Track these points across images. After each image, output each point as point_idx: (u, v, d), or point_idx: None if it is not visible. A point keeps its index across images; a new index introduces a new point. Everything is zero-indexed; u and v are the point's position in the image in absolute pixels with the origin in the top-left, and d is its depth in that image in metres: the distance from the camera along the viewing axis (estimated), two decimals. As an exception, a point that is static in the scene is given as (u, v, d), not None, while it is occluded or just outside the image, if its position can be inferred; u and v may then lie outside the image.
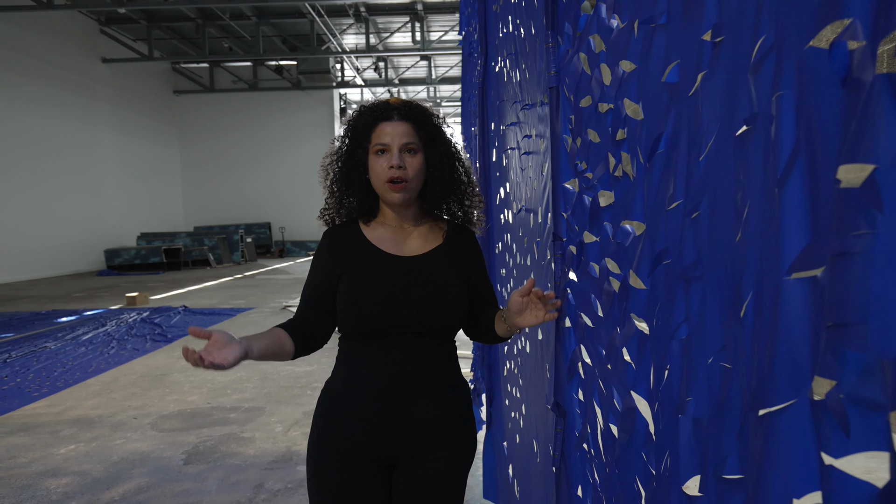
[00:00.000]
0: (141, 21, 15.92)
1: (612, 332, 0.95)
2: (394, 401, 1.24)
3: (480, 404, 2.75)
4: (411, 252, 1.32)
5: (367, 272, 1.27)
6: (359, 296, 1.24)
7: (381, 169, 1.25)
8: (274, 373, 4.72)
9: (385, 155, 1.26)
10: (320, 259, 1.32)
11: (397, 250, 1.31)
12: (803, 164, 0.50)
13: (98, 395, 4.24)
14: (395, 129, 1.27)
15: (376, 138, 1.27)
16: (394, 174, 1.24)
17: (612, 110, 0.90)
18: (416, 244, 1.33)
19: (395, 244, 1.32)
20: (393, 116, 1.28)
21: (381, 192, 1.28)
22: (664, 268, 0.76)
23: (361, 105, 1.35)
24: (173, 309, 8.10)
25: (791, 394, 0.52)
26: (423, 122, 1.31)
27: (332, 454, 1.26)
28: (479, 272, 1.38)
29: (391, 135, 1.26)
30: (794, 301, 0.52)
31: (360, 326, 1.25)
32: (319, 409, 1.31)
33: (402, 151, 1.26)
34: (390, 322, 1.23)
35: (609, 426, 0.99)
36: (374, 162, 1.27)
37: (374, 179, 1.28)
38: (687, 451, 0.73)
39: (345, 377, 1.28)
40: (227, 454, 3.07)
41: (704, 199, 0.66)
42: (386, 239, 1.32)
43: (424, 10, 15.82)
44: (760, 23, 0.55)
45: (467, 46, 2.84)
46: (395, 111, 1.29)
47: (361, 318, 1.24)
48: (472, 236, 1.40)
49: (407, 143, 1.27)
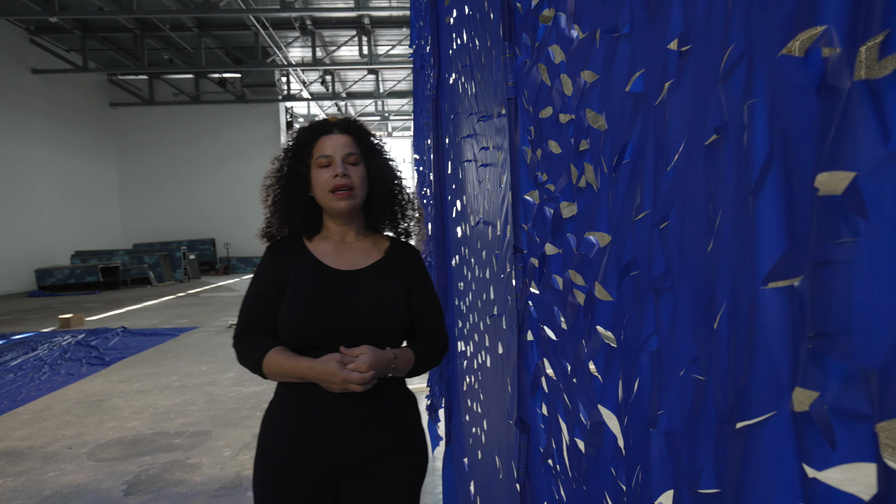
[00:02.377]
0: (74, 31, 15.33)
1: (577, 345, 0.94)
2: (335, 417, 1.24)
3: (437, 420, 2.71)
4: (352, 266, 1.33)
5: (308, 285, 1.29)
6: (300, 309, 1.25)
7: (325, 180, 1.28)
8: (221, 394, 4.56)
9: (328, 167, 1.29)
10: (265, 270, 1.33)
11: (339, 264, 1.33)
12: (777, 173, 0.50)
13: (28, 424, 4.00)
14: (336, 141, 1.31)
15: (318, 151, 1.30)
16: (339, 182, 1.27)
17: (573, 121, 0.90)
18: (358, 258, 1.35)
19: (336, 258, 1.34)
20: (333, 130, 1.33)
21: (325, 202, 1.30)
22: (632, 279, 0.75)
23: (301, 126, 1.39)
24: (111, 330, 7.77)
25: (770, 406, 0.51)
26: (363, 135, 1.36)
27: (278, 474, 1.25)
28: (421, 287, 1.39)
29: (333, 146, 1.30)
30: (771, 311, 0.51)
31: (301, 339, 1.25)
32: (263, 429, 1.31)
33: (345, 162, 1.30)
34: (330, 335, 1.24)
35: (575, 441, 0.98)
36: (318, 174, 1.30)
37: (319, 191, 1.30)
38: (659, 466, 0.72)
39: (286, 395, 1.28)
40: (172, 482, 2.93)
41: (673, 209, 0.65)
42: (328, 253, 1.34)
43: (371, 25, 15.84)
44: (729, 31, 0.54)
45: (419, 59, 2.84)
46: (335, 126, 1.34)
47: (302, 331, 1.25)
48: (415, 252, 1.43)
49: (349, 153, 1.31)
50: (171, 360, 6.05)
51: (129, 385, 5.05)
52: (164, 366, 5.81)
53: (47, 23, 14.69)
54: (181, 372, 5.47)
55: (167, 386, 4.95)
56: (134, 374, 5.48)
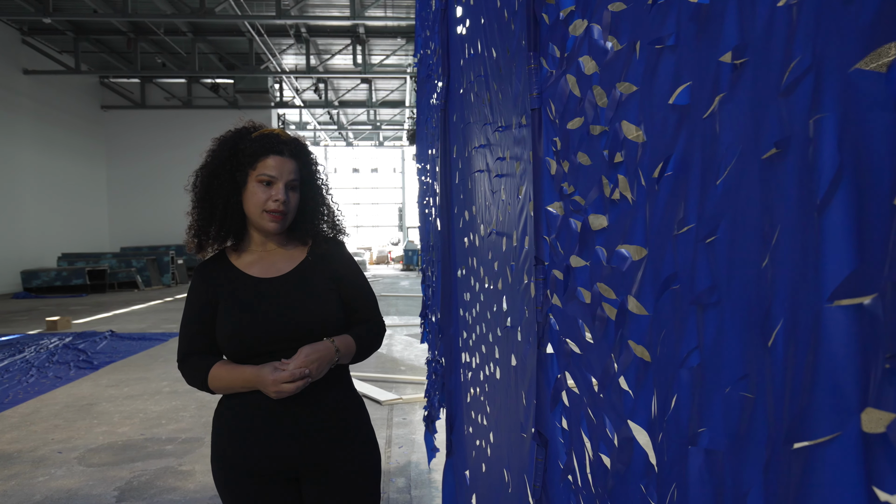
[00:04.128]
0: (67, 32, 15.24)
1: (605, 359, 0.92)
2: (281, 416, 1.28)
3: (435, 431, 2.69)
4: (278, 272, 1.36)
5: (240, 299, 1.31)
6: (235, 323, 1.28)
7: (262, 200, 1.30)
8: (212, 401, 4.50)
9: (270, 187, 1.31)
10: (196, 293, 1.36)
11: (265, 272, 1.36)
12: (847, 188, 0.49)
13: (16, 427, 3.93)
14: (284, 166, 1.32)
15: (263, 168, 1.31)
16: (277, 207, 1.30)
17: (606, 132, 0.89)
18: (283, 263, 1.38)
19: (261, 268, 1.37)
20: (283, 152, 1.33)
21: (255, 219, 1.33)
22: (671, 293, 0.74)
23: (244, 127, 1.38)
24: (99, 334, 7.67)
25: (834, 426, 0.50)
26: (307, 161, 1.39)
27: (237, 470, 1.29)
28: (350, 277, 1.43)
29: (279, 170, 1.31)
30: (837, 329, 0.50)
31: (240, 351, 1.28)
32: (216, 428, 1.34)
33: (287, 188, 1.32)
34: (269, 341, 1.27)
35: (600, 456, 0.96)
36: (256, 190, 1.31)
37: (252, 206, 1.32)
38: (698, 484, 0.71)
39: (236, 397, 1.31)
40: (165, 489, 2.88)
41: (722, 223, 0.65)
42: (253, 264, 1.37)
43: (366, 34, 15.87)
44: (794, 45, 0.54)
45: (424, 69, 2.83)
46: (286, 147, 1.34)
47: (240, 343, 1.27)
48: (338, 244, 1.46)
49: (292, 180, 1.33)
50: (160, 365, 5.97)
51: (119, 389, 4.97)
52: (153, 371, 5.73)
53: (40, 24, 14.59)
54: (171, 377, 5.40)
55: (157, 391, 4.88)
56: (123, 378, 5.40)
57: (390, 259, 28.73)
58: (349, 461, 1.33)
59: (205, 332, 1.33)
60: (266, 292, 1.32)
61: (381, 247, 30.24)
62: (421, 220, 3.16)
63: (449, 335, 2.12)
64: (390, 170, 34.74)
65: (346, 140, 30.43)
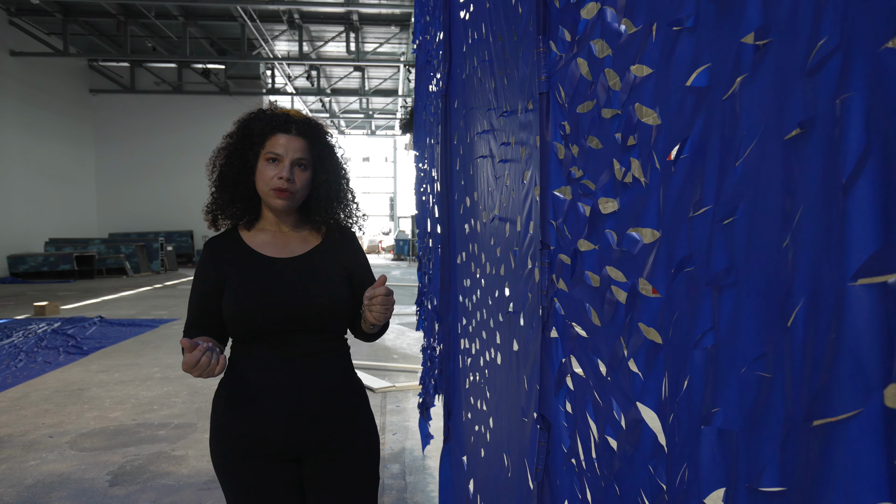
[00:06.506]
0: (56, 14, 15.01)
1: (614, 343, 0.93)
2: (285, 397, 1.27)
3: (429, 418, 2.70)
4: (291, 253, 1.36)
5: (250, 277, 1.31)
6: (243, 300, 1.27)
7: (269, 177, 1.30)
8: (204, 387, 4.49)
9: (276, 164, 1.31)
10: (204, 269, 1.35)
11: (277, 252, 1.36)
12: (874, 168, 0.49)
13: (6, 411, 3.90)
14: (290, 143, 1.32)
15: (270, 146, 1.31)
16: (282, 185, 1.30)
17: (619, 116, 0.89)
18: (296, 245, 1.38)
19: (274, 248, 1.37)
20: (291, 130, 1.33)
21: (264, 196, 1.33)
22: (685, 276, 0.75)
23: (260, 109, 1.39)
24: (88, 319, 7.62)
25: (856, 403, 0.51)
26: (318, 140, 1.37)
27: (238, 451, 1.29)
28: (360, 268, 1.44)
29: (285, 147, 1.31)
30: (861, 308, 0.51)
31: (248, 329, 1.28)
32: (216, 409, 1.33)
33: (294, 165, 1.32)
34: (276, 321, 1.27)
35: (606, 439, 0.97)
36: (264, 168, 1.31)
37: (261, 183, 1.33)
38: (710, 464, 0.72)
39: (238, 377, 1.30)
40: (158, 474, 2.88)
41: (741, 205, 0.65)
42: (266, 243, 1.37)
43: (360, 21, 15.75)
44: (821, 25, 0.54)
45: (423, 55, 2.82)
46: (294, 125, 1.34)
47: (248, 321, 1.26)
48: (352, 234, 1.46)
49: (299, 158, 1.32)
50: (151, 352, 5.94)
51: (109, 375, 4.94)
52: (144, 356, 5.70)
53: (29, 4, 14.36)
54: (162, 363, 5.38)
55: (148, 377, 4.86)
56: (113, 364, 5.37)
57: (381, 249, 28.70)
58: (351, 443, 1.34)
59: (209, 310, 1.33)
60: (276, 272, 1.32)
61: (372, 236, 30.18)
62: (418, 208, 3.15)
63: (447, 322, 2.12)
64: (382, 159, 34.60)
65: (339, 128, 30.27)
